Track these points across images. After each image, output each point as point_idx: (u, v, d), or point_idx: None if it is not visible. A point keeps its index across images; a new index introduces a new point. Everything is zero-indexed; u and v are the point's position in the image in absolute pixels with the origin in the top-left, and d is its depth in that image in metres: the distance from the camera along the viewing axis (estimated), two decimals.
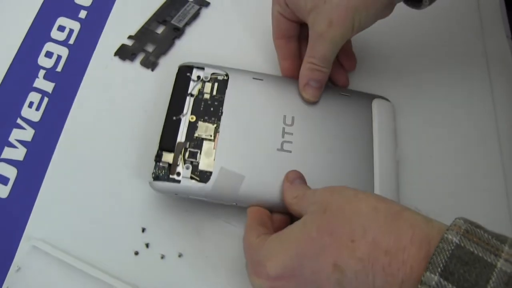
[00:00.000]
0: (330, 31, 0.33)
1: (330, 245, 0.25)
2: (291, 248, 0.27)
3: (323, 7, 0.33)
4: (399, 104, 0.40)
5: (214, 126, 0.36)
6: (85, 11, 0.46)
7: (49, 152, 0.38)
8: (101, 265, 0.34)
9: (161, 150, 0.35)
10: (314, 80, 0.36)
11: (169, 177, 0.34)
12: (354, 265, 0.24)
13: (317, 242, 0.26)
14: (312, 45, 0.35)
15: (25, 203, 0.36)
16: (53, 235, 0.35)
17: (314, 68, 0.36)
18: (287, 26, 0.37)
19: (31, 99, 0.41)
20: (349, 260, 0.24)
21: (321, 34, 0.34)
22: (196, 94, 0.37)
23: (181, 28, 0.44)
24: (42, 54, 0.43)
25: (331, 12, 0.33)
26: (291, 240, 0.27)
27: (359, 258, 0.24)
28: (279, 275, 0.26)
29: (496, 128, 0.40)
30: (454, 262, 0.21)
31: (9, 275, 0.34)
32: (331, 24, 0.33)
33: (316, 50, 0.35)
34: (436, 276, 0.21)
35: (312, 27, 0.34)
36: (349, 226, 0.25)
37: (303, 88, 0.37)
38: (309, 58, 0.36)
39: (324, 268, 0.25)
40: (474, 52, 0.44)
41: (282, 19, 0.37)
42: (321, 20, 0.33)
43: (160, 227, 0.35)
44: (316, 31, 0.34)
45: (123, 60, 0.43)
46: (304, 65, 0.36)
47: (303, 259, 0.26)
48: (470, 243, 0.22)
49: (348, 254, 0.24)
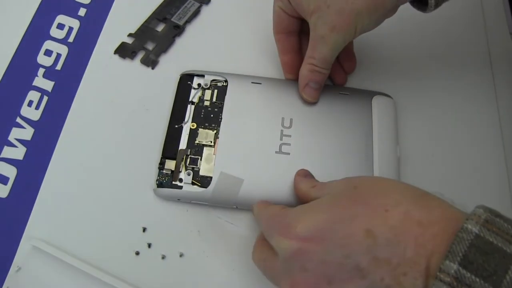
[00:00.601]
0: (332, 35, 0.33)
1: (363, 212, 0.25)
2: (323, 212, 0.27)
3: (326, 11, 0.32)
4: (402, 101, 0.40)
5: (214, 132, 0.37)
6: (85, 9, 0.45)
7: (49, 151, 0.38)
8: (102, 265, 0.34)
9: (164, 157, 0.36)
10: (313, 81, 0.36)
11: (172, 183, 0.35)
12: (387, 232, 0.24)
13: (350, 209, 0.26)
14: (313, 45, 0.35)
15: (25, 202, 0.36)
16: (53, 235, 0.35)
17: (314, 69, 0.36)
18: (288, 22, 0.37)
19: (30, 98, 0.40)
20: (382, 227, 0.24)
21: (322, 37, 0.34)
22: (197, 102, 0.38)
23: (181, 26, 0.44)
24: (42, 52, 0.43)
25: (334, 17, 0.32)
26: (322, 207, 0.27)
27: (392, 226, 0.24)
28: (309, 236, 0.26)
29: (499, 126, 0.39)
30: (473, 251, 0.22)
31: (9, 275, 0.33)
32: (333, 29, 0.33)
33: (317, 51, 0.35)
34: (455, 265, 0.21)
35: (314, 28, 0.34)
36: (382, 197, 0.26)
37: (302, 89, 0.37)
38: (310, 59, 0.35)
39: (356, 233, 0.25)
40: (477, 48, 0.43)
41: (283, 15, 0.37)
42: (323, 24, 0.33)
43: (161, 227, 0.35)
44: (318, 34, 0.34)
45: (123, 58, 0.42)
46: (304, 66, 0.36)
47: (335, 223, 0.26)
48: (490, 233, 0.22)
49: (381, 221, 0.24)
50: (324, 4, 0.32)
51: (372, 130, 0.37)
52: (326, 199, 0.28)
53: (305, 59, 0.36)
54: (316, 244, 0.25)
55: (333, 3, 0.32)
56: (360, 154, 0.36)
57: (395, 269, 0.24)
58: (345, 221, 0.25)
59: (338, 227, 0.25)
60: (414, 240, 0.24)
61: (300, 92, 0.37)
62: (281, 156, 0.35)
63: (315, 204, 0.28)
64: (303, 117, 0.37)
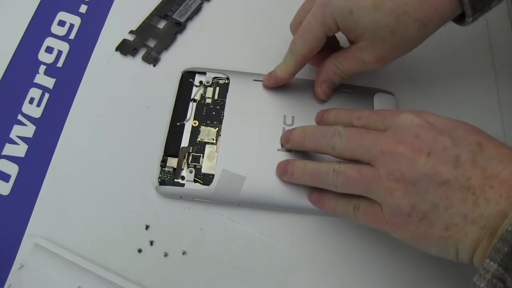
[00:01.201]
0: (374, 63, 0.34)
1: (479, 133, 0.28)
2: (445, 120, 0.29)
3: (379, 44, 0.33)
4: (404, 98, 0.40)
5: (216, 130, 0.37)
6: (86, 6, 0.45)
7: (50, 148, 0.38)
8: (104, 262, 0.34)
9: (166, 155, 0.36)
10: (333, 82, 0.37)
11: (174, 181, 0.35)
12: (494, 151, 0.26)
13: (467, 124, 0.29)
14: (347, 57, 0.35)
15: (26, 200, 0.36)
16: (55, 232, 0.35)
17: (338, 73, 0.36)
18: (323, 42, 0.35)
19: (31, 95, 0.40)
20: (492, 148, 0.27)
21: (363, 61, 0.34)
22: (199, 99, 0.38)
23: (183, 23, 0.44)
24: (43, 50, 0.43)
25: (385, 51, 0.33)
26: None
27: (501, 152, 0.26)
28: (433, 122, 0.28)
29: (501, 125, 0.39)
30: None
31: (12, 273, 0.33)
32: (379, 60, 0.34)
33: (349, 65, 0.35)
34: (495, 265, 0.23)
35: (357, 49, 0.34)
36: None
37: (320, 84, 0.37)
38: (338, 64, 0.35)
39: (469, 141, 0.27)
40: (479, 46, 0.43)
41: (323, 39, 0.34)
42: (370, 52, 0.33)
43: (164, 224, 0.35)
44: (360, 56, 0.34)
45: (125, 55, 0.42)
46: (329, 65, 0.36)
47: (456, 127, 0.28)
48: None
49: (493, 145, 0.27)
50: (380, 38, 0.32)
51: None
52: None
53: (333, 59, 0.36)
54: (433, 129, 0.28)
55: (389, 38, 0.32)
56: None
57: (486, 178, 0.25)
58: (463, 130, 0.28)
59: (457, 130, 0.28)
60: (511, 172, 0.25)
61: (317, 86, 0.37)
62: (283, 154, 0.35)
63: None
64: (305, 115, 0.37)
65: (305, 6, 0.36)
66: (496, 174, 0.25)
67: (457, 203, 0.26)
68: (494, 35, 0.44)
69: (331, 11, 0.32)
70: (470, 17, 0.32)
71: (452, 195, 0.26)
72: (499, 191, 0.25)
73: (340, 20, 0.33)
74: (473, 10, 0.32)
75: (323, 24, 0.33)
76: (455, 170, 0.26)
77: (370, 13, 0.31)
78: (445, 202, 0.26)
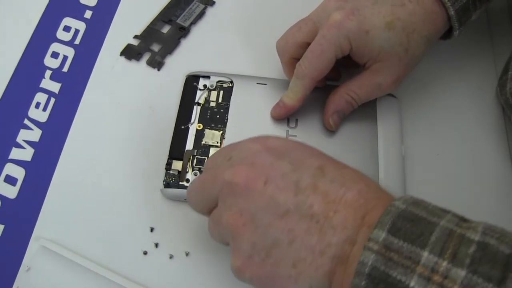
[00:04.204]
0: (392, 85, 0.34)
1: (321, 156, 0.27)
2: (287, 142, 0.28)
3: (396, 63, 0.33)
4: (407, 101, 0.40)
5: (220, 133, 0.37)
6: (91, 11, 0.46)
7: (56, 152, 0.38)
8: (110, 264, 0.34)
9: (170, 158, 0.36)
10: (344, 112, 0.36)
11: (179, 184, 0.36)
12: (336, 174, 0.25)
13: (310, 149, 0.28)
14: (361, 85, 0.35)
15: (33, 203, 0.36)
16: (62, 235, 0.35)
17: (351, 102, 0.35)
18: (332, 64, 0.34)
19: (38, 100, 0.41)
20: (334, 171, 0.25)
21: (379, 84, 0.34)
22: (203, 103, 0.39)
23: (186, 27, 0.44)
24: (48, 55, 0.43)
25: (401, 70, 0.34)
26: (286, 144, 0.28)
27: (343, 173, 0.26)
28: (272, 146, 0.27)
29: (504, 125, 0.40)
30: (401, 220, 0.22)
31: (19, 275, 0.34)
32: (396, 80, 0.34)
33: (365, 91, 0.35)
34: (384, 233, 0.22)
35: (372, 73, 0.34)
36: None
37: (331, 114, 0.36)
38: (351, 92, 0.35)
39: (310, 162, 0.26)
40: (482, 47, 0.43)
41: (334, 61, 0.33)
42: (388, 74, 0.34)
43: (169, 227, 0.35)
44: (376, 80, 0.34)
45: (129, 60, 0.43)
46: (341, 94, 0.35)
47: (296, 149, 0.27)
48: (416, 209, 0.23)
49: (334, 167, 0.26)
50: (396, 56, 0.33)
51: (377, 129, 0.37)
52: None
53: (345, 88, 0.35)
54: (272, 154, 0.26)
55: (404, 56, 0.33)
56: (365, 153, 0.36)
57: (329, 203, 0.24)
58: (304, 152, 0.27)
59: (297, 153, 0.27)
60: (358, 191, 0.24)
61: (327, 117, 0.36)
62: None
63: None
64: (309, 117, 0.37)
65: (301, 27, 0.35)
66: (339, 198, 0.24)
67: (301, 234, 0.23)
68: (496, 38, 0.44)
69: (346, 33, 0.32)
70: (456, 30, 0.34)
71: (295, 226, 0.23)
72: (344, 215, 0.23)
73: (355, 41, 0.32)
74: (459, 23, 0.34)
75: (336, 46, 0.32)
76: (295, 197, 0.24)
77: (385, 32, 0.32)
78: (289, 236, 0.23)
